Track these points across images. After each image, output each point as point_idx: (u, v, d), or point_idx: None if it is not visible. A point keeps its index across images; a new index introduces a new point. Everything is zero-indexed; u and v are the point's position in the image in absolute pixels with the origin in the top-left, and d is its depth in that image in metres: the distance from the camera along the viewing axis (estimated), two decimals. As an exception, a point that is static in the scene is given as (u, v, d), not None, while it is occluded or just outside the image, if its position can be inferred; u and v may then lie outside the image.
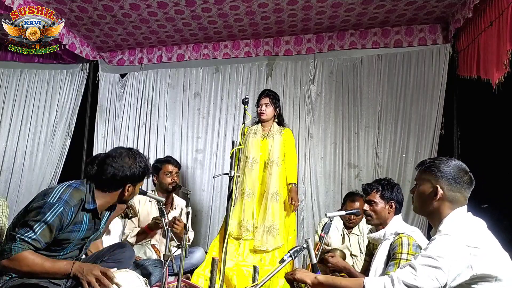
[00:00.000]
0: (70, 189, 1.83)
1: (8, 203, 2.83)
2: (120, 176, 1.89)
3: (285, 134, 3.33)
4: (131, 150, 2.00)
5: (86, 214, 1.90)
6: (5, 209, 2.72)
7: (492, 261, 1.39)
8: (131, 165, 1.91)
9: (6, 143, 4.80)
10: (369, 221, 2.29)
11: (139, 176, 1.96)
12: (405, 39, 4.11)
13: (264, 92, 3.41)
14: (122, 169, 1.89)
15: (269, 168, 3.20)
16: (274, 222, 3.06)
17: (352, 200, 3.12)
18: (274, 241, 3.03)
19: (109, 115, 4.87)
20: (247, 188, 3.17)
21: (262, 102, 3.32)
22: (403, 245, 1.98)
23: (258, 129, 3.33)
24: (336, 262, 2.37)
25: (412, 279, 1.40)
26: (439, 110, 3.91)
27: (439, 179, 1.55)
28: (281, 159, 3.24)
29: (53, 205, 1.73)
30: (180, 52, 4.73)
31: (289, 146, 3.32)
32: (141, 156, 1.99)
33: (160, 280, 2.38)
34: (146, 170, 2.00)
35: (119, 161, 1.89)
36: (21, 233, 1.67)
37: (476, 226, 1.49)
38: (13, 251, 1.63)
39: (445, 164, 1.58)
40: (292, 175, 3.26)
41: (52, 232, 1.73)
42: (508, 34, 2.69)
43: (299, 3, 3.67)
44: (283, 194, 3.18)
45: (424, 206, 1.61)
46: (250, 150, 3.23)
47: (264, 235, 3.04)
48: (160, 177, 3.14)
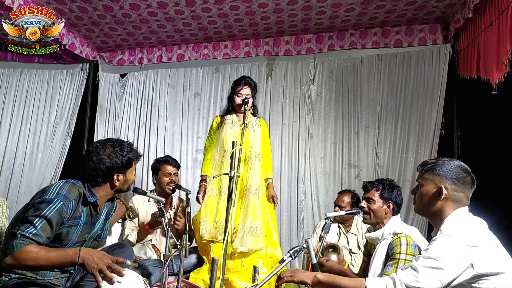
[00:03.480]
0: (68, 184, 1.85)
1: (8, 203, 2.83)
2: (101, 168, 1.90)
3: (262, 125, 3.19)
4: (108, 140, 2.00)
5: (85, 208, 1.91)
6: (5, 209, 2.72)
7: (493, 260, 1.39)
8: (109, 155, 1.92)
9: (6, 143, 4.79)
10: (365, 220, 2.28)
11: (123, 164, 1.95)
12: (405, 39, 4.10)
13: (244, 80, 3.16)
14: (101, 161, 1.90)
15: (251, 162, 3.04)
16: (256, 221, 2.91)
17: (341, 193, 3.22)
18: (255, 242, 2.87)
19: (109, 115, 4.87)
20: (225, 185, 2.90)
21: (243, 92, 3.09)
22: (402, 245, 1.97)
23: (234, 119, 3.13)
24: (331, 266, 2.36)
25: (414, 281, 1.40)
26: (439, 110, 3.91)
27: (443, 179, 1.56)
28: (262, 152, 3.11)
29: (52, 200, 1.75)
30: (180, 52, 4.73)
31: (265, 137, 3.19)
32: (121, 143, 1.98)
33: (160, 280, 2.38)
34: (132, 156, 1.99)
35: (95, 155, 1.91)
36: (22, 229, 1.68)
37: (477, 225, 1.49)
38: (16, 247, 1.63)
39: (448, 164, 1.58)
40: (269, 168, 3.15)
41: (52, 227, 1.73)
42: (508, 34, 2.69)
43: (299, 3, 3.67)
44: (264, 190, 3.08)
45: (428, 206, 1.60)
46: (228, 142, 2.96)
47: (245, 236, 2.87)
48: (159, 178, 3.12)
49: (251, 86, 3.14)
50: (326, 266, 2.35)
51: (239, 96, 3.10)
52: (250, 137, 3.09)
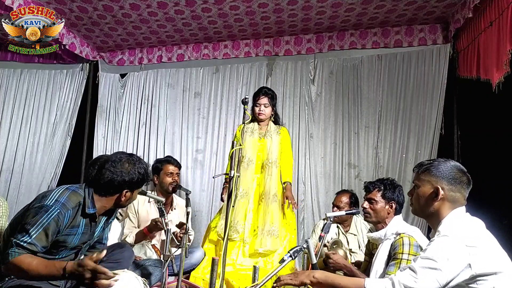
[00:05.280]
0: (68, 192, 1.84)
1: (8, 204, 2.83)
2: (118, 181, 1.89)
3: (282, 133, 3.31)
4: (132, 156, 2.00)
5: (83, 218, 1.90)
6: (5, 209, 2.72)
7: (491, 260, 1.39)
8: (130, 171, 1.91)
9: (6, 143, 4.80)
10: (367, 218, 2.28)
11: (137, 182, 1.95)
12: (405, 39, 4.10)
13: (262, 90, 3.34)
14: (120, 174, 1.89)
15: (268, 169, 3.18)
16: (274, 224, 3.06)
17: (339, 193, 3.20)
18: (273, 243, 3.02)
19: (109, 115, 4.87)
20: (241, 188, 3.11)
21: (261, 102, 3.27)
22: (404, 245, 1.97)
23: (255, 128, 3.29)
24: (336, 259, 2.36)
25: (412, 281, 1.40)
26: (439, 110, 3.91)
27: (439, 180, 1.56)
28: (279, 159, 3.23)
29: (50, 207, 1.74)
30: (180, 52, 4.73)
31: (285, 145, 3.30)
32: (141, 162, 1.99)
33: (160, 280, 2.38)
34: (146, 177, 2.00)
35: (118, 166, 1.89)
36: (18, 237, 1.68)
37: (474, 226, 1.49)
38: (10, 256, 1.65)
39: (444, 165, 1.59)
40: (288, 173, 3.24)
41: (48, 235, 1.72)
42: (508, 34, 2.69)
43: (299, 3, 3.67)
44: (281, 194, 3.18)
45: (425, 208, 1.60)
46: (247, 149, 3.19)
47: (264, 238, 3.03)
48: (160, 177, 3.12)
49: (267, 96, 3.29)
50: (332, 259, 2.34)
51: (256, 106, 3.28)
52: (267, 144, 3.23)
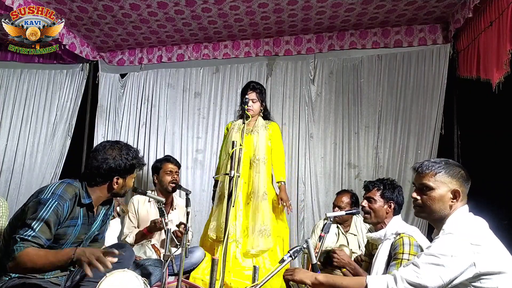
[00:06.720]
0: (64, 184, 1.86)
1: (8, 204, 2.83)
2: (104, 168, 1.90)
3: (271, 128, 3.20)
4: (117, 142, 2.00)
5: (81, 209, 1.92)
6: (5, 209, 2.72)
7: (496, 259, 1.39)
8: (115, 157, 1.92)
9: (6, 143, 4.79)
10: (366, 219, 2.27)
11: (126, 169, 1.95)
12: (405, 39, 4.10)
13: (250, 85, 3.23)
14: (105, 161, 1.90)
15: (255, 166, 3.09)
16: (265, 223, 3.00)
17: (340, 193, 3.20)
18: (265, 242, 2.98)
19: (109, 115, 4.87)
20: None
21: (249, 97, 3.15)
22: (405, 245, 1.97)
23: (241, 124, 3.16)
24: (341, 255, 2.35)
25: (415, 277, 1.40)
26: (439, 110, 3.91)
27: (455, 181, 1.55)
28: (268, 155, 3.13)
29: (47, 200, 1.75)
30: (180, 52, 4.73)
31: (276, 141, 3.19)
32: (128, 148, 1.98)
33: (160, 280, 2.38)
34: (135, 162, 1.99)
35: (101, 154, 1.91)
36: (21, 233, 1.69)
37: (478, 225, 1.50)
38: (16, 251, 1.65)
39: (451, 165, 1.59)
40: (281, 172, 3.16)
41: (50, 227, 1.74)
42: (508, 34, 2.69)
43: (299, 3, 3.67)
44: (271, 192, 3.12)
45: (441, 210, 1.55)
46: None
47: (256, 238, 2.98)
48: (160, 177, 3.12)
49: (255, 90, 3.19)
50: (337, 256, 2.32)
51: (244, 101, 3.13)
52: (254, 140, 3.12)
